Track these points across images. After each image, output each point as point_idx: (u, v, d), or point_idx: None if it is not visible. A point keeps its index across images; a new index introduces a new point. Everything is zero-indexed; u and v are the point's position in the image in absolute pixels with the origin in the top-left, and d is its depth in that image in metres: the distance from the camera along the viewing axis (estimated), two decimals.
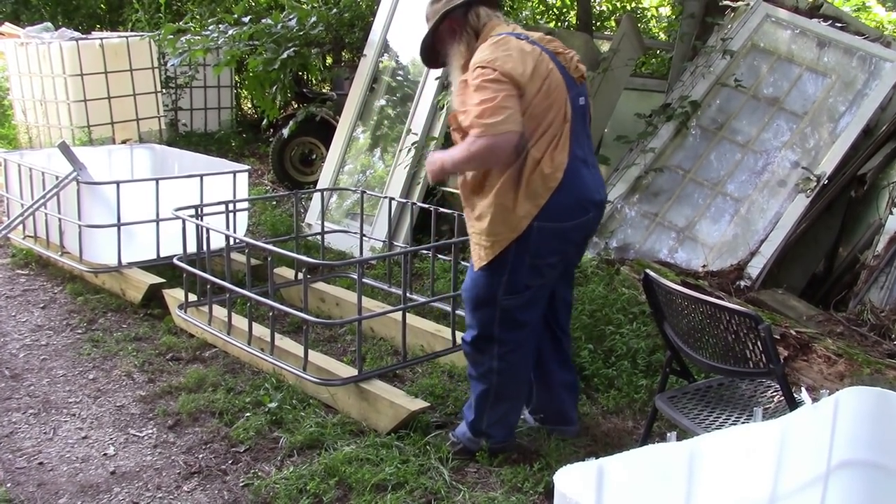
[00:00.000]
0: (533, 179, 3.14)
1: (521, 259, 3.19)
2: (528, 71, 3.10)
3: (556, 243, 3.25)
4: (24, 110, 9.12)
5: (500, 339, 3.32)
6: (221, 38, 6.73)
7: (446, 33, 3.37)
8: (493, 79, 3.05)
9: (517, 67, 3.08)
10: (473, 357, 3.42)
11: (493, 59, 3.10)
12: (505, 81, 3.05)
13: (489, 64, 3.08)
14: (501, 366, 3.35)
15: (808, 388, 3.83)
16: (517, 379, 3.43)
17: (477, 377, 3.43)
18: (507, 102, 3.04)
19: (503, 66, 3.07)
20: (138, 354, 4.50)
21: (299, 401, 3.93)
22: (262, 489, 3.25)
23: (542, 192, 3.15)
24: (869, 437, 2.03)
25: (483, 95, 3.04)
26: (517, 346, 3.35)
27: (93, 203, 5.31)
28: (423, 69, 6.31)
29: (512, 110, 3.04)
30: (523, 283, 3.24)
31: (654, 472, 1.71)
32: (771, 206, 5.38)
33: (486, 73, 3.07)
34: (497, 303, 3.26)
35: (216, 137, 9.96)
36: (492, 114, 3.01)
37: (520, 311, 3.29)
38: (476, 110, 3.05)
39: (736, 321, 2.77)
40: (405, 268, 4.23)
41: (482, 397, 3.42)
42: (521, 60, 3.10)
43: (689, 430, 2.87)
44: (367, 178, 6.61)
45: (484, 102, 3.03)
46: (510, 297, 3.25)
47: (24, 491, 3.26)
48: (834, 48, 5.68)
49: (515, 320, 3.30)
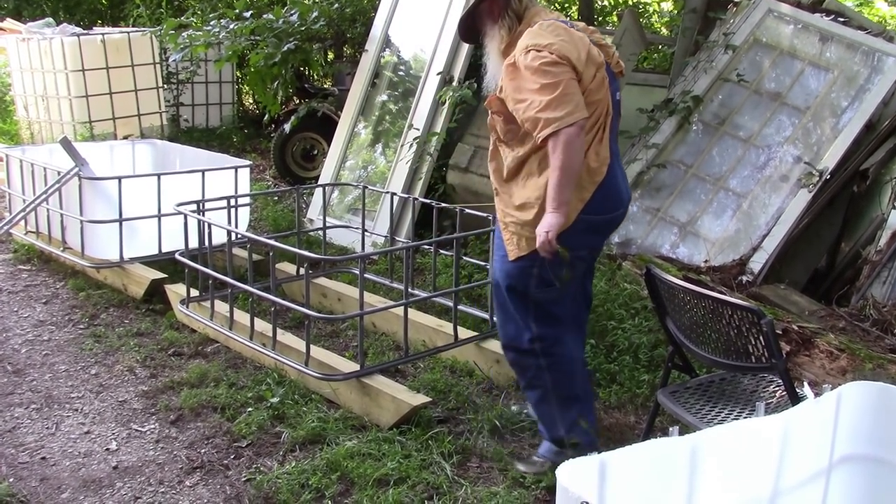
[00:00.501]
0: (581, 173, 3.04)
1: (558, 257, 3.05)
2: (584, 58, 3.01)
3: (589, 236, 3.19)
4: (26, 106, 9.12)
5: (539, 336, 3.23)
6: (223, 33, 6.73)
7: (486, 14, 3.26)
8: (552, 61, 2.93)
9: (573, 52, 2.98)
10: (518, 361, 3.33)
11: (549, 42, 2.98)
12: (564, 65, 2.94)
13: (545, 47, 2.96)
14: (548, 362, 3.25)
15: (811, 382, 3.82)
16: (570, 374, 3.30)
17: (527, 385, 3.35)
18: (571, 88, 2.93)
19: (560, 50, 2.96)
20: (140, 350, 4.50)
21: (301, 396, 3.93)
22: (265, 484, 3.25)
23: (587, 186, 3.08)
24: (871, 431, 2.03)
25: (543, 80, 2.92)
26: (556, 339, 3.26)
27: (95, 198, 5.31)
28: (424, 64, 6.30)
29: (577, 95, 2.93)
30: (556, 275, 3.15)
31: (657, 467, 1.71)
32: (773, 202, 5.38)
33: (544, 56, 2.95)
34: (530, 297, 3.19)
35: (218, 133, 9.95)
36: (557, 104, 2.89)
37: (553, 304, 3.22)
38: (538, 101, 2.92)
39: (738, 316, 2.77)
40: (407, 263, 4.23)
41: (542, 403, 3.33)
42: (576, 47, 3.01)
43: (692, 424, 2.87)
44: (369, 174, 6.61)
45: (545, 89, 2.91)
46: (543, 290, 3.17)
47: (27, 486, 3.27)
48: (836, 43, 5.67)
49: (550, 314, 3.23)
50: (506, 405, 3.91)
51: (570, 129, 2.89)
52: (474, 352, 4.32)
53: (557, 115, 2.89)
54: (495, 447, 3.55)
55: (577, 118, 2.90)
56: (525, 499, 3.17)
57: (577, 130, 2.90)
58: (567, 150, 2.90)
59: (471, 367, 4.30)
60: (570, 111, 2.89)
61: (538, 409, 3.37)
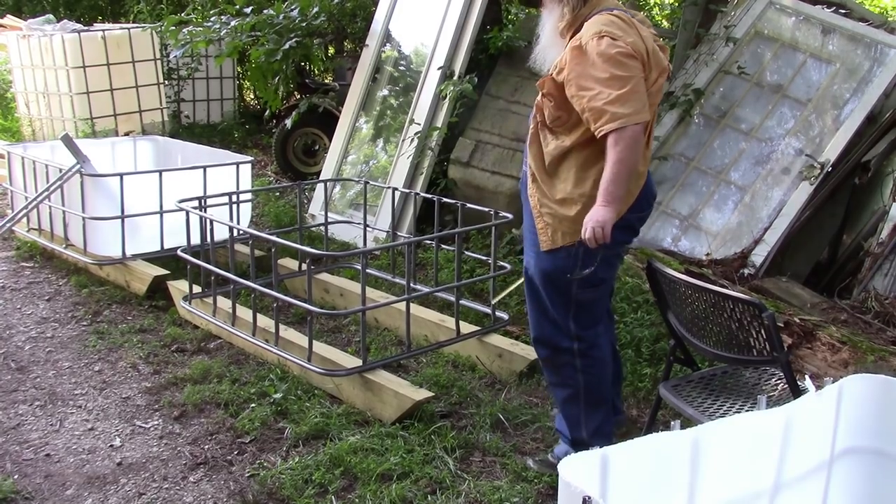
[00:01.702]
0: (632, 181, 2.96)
1: (593, 253, 2.97)
2: (652, 56, 2.92)
3: (627, 234, 3.13)
4: (27, 103, 9.12)
5: (579, 336, 3.16)
6: (223, 28, 6.72)
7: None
8: (627, 53, 2.81)
9: (644, 50, 2.88)
10: (553, 359, 3.25)
11: (622, 33, 2.84)
12: (637, 60, 2.84)
13: (620, 37, 2.83)
14: (584, 363, 3.18)
15: (812, 375, 3.83)
16: (602, 378, 3.24)
17: (558, 382, 3.26)
18: (641, 87, 2.82)
19: (635, 45, 2.84)
20: (143, 346, 4.51)
21: (304, 391, 3.94)
22: (268, 479, 3.26)
23: (633, 191, 3.01)
24: (873, 424, 2.04)
25: (617, 70, 2.79)
26: (595, 341, 3.19)
27: (96, 195, 5.31)
28: (425, 59, 6.30)
29: (645, 96, 2.84)
30: (599, 276, 3.06)
31: (659, 461, 1.72)
32: (775, 194, 5.37)
33: (619, 46, 2.81)
34: (572, 297, 3.09)
35: (219, 129, 9.95)
36: (627, 100, 2.77)
37: (595, 304, 3.16)
38: (607, 93, 2.79)
39: (740, 309, 2.77)
40: (409, 258, 4.23)
41: (570, 403, 3.24)
42: (645, 44, 2.90)
43: (694, 418, 2.87)
44: (371, 169, 6.61)
45: (616, 81, 2.78)
46: (587, 290, 3.09)
47: (32, 482, 3.28)
48: (838, 35, 5.66)
49: (591, 314, 3.16)
50: (508, 400, 3.91)
51: (636, 128, 2.79)
52: (477, 346, 4.32)
53: (626, 111, 2.77)
54: (498, 442, 3.56)
55: (643, 118, 2.81)
56: (528, 493, 3.17)
57: (641, 130, 2.82)
58: (631, 147, 2.79)
59: (473, 361, 4.30)
60: (637, 109, 2.79)
61: (565, 408, 3.28)
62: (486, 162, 5.94)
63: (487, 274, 4.56)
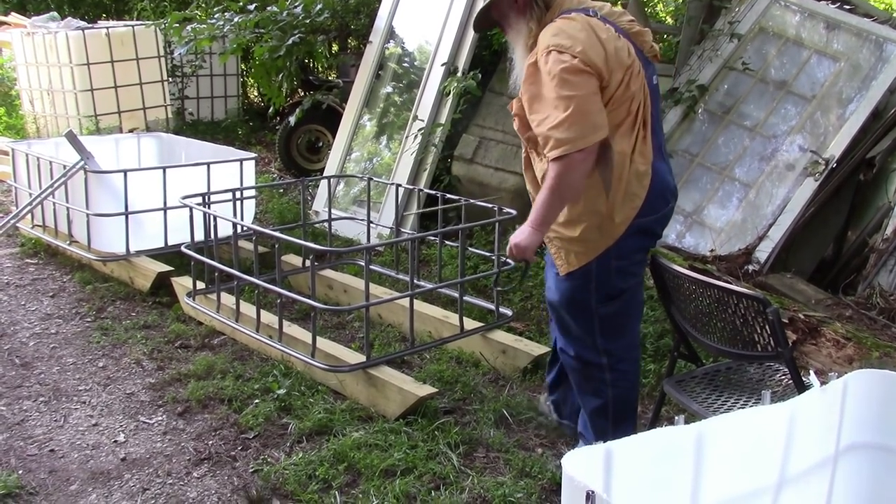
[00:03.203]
0: (629, 180, 2.84)
1: (606, 263, 2.91)
2: (612, 58, 2.75)
3: (640, 240, 2.97)
4: (32, 100, 9.13)
5: (607, 350, 3.06)
6: (227, 26, 6.72)
7: (509, 6, 2.96)
8: (574, 68, 2.68)
9: (600, 54, 2.73)
10: (582, 371, 3.15)
11: (571, 43, 2.71)
12: (588, 72, 2.69)
13: (567, 49, 2.70)
14: (614, 377, 3.09)
15: (817, 371, 3.82)
16: (632, 392, 3.17)
17: (589, 392, 3.16)
18: (588, 105, 2.68)
19: (585, 54, 2.70)
20: (147, 342, 4.52)
21: (308, 387, 3.94)
22: (272, 475, 3.26)
23: (639, 192, 2.87)
24: (877, 420, 2.03)
25: (562, 91, 2.67)
26: (624, 354, 3.10)
27: (100, 192, 5.32)
28: (429, 56, 6.29)
29: (595, 114, 2.69)
30: (617, 287, 2.97)
31: (662, 455, 1.71)
32: (779, 191, 5.36)
33: (564, 60, 2.69)
34: (593, 312, 3.00)
35: (223, 126, 9.96)
36: (571, 124, 2.65)
37: (618, 316, 3.04)
38: (553, 117, 2.68)
39: (744, 305, 2.76)
40: (412, 254, 4.23)
41: (599, 414, 3.16)
42: (604, 48, 2.75)
43: (698, 413, 2.87)
44: (374, 166, 6.61)
45: (561, 103, 2.67)
46: (606, 304, 2.99)
47: (36, 478, 3.29)
48: (842, 31, 5.64)
49: (616, 326, 3.05)
50: (511, 396, 3.91)
51: (576, 156, 2.67)
52: (480, 343, 4.32)
53: (569, 136, 2.65)
54: (502, 437, 3.56)
55: (589, 142, 2.67)
56: (531, 489, 3.17)
57: (583, 157, 2.69)
58: (566, 175, 2.71)
59: (477, 357, 4.30)
60: (581, 133, 2.66)
61: (592, 419, 3.20)
62: (490, 158, 5.94)
63: (491, 270, 4.56)
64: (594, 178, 2.82)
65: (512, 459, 3.39)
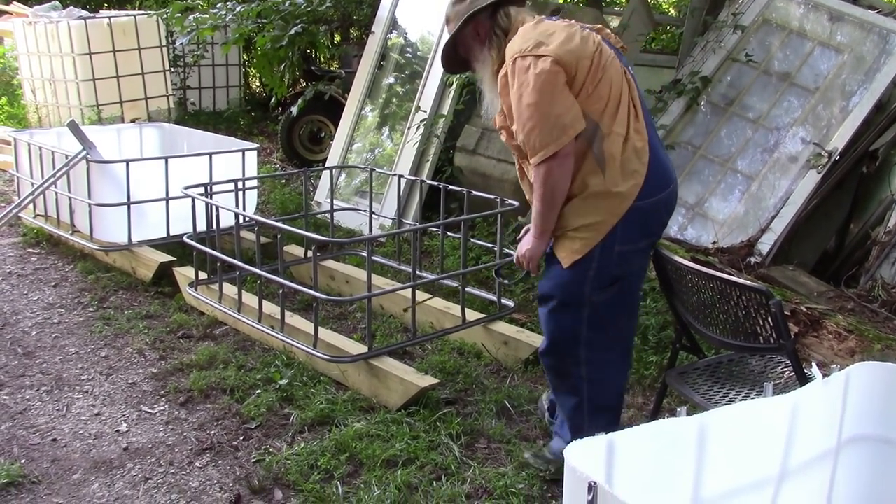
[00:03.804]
0: (628, 158, 2.82)
1: (609, 247, 2.88)
2: (575, 46, 2.77)
3: (642, 224, 2.92)
4: (34, 90, 9.13)
5: (588, 342, 3.00)
6: (229, 15, 6.71)
7: (471, 38, 3.04)
8: (538, 71, 2.71)
9: (563, 44, 2.76)
10: (556, 367, 3.11)
11: (534, 44, 2.76)
12: (553, 70, 2.72)
13: (530, 52, 2.75)
14: (590, 372, 3.03)
15: (819, 363, 3.82)
16: (610, 386, 3.11)
17: (565, 390, 3.12)
18: (556, 105, 2.72)
19: (547, 49, 2.74)
20: (150, 332, 4.52)
21: (310, 378, 3.95)
22: (274, 465, 3.27)
23: (639, 170, 2.84)
24: (879, 412, 2.03)
25: (531, 97, 2.72)
26: (606, 348, 3.04)
27: (102, 182, 5.32)
28: (431, 46, 6.28)
29: (563, 111, 2.72)
30: (611, 273, 2.92)
31: (664, 447, 1.71)
32: (782, 183, 5.36)
33: (526, 63, 2.74)
34: (585, 301, 2.94)
35: (225, 116, 9.96)
36: (542, 129, 2.71)
37: (609, 307, 2.97)
38: (528, 126, 2.75)
39: (746, 297, 2.76)
40: (414, 245, 4.23)
41: (575, 411, 3.10)
42: (565, 37, 2.79)
43: (700, 405, 2.87)
44: (376, 156, 6.60)
45: (530, 110, 2.73)
46: (599, 291, 2.93)
47: (39, 467, 3.30)
48: (846, 22, 5.63)
49: (604, 318, 2.99)
50: (513, 387, 3.92)
51: (551, 161, 2.75)
52: (482, 334, 4.32)
53: (541, 142, 2.73)
54: (503, 428, 3.56)
55: (561, 144, 2.72)
56: (533, 479, 3.18)
57: (559, 160, 2.75)
58: (549, 179, 2.78)
59: (479, 348, 4.31)
60: (552, 138, 2.72)
61: (565, 413, 3.18)
62: (492, 150, 5.93)
63: (493, 261, 4.56)
64: (589, 162, 2.83)
65: (513, 450, 3.39)
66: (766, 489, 1.86)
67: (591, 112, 2.80)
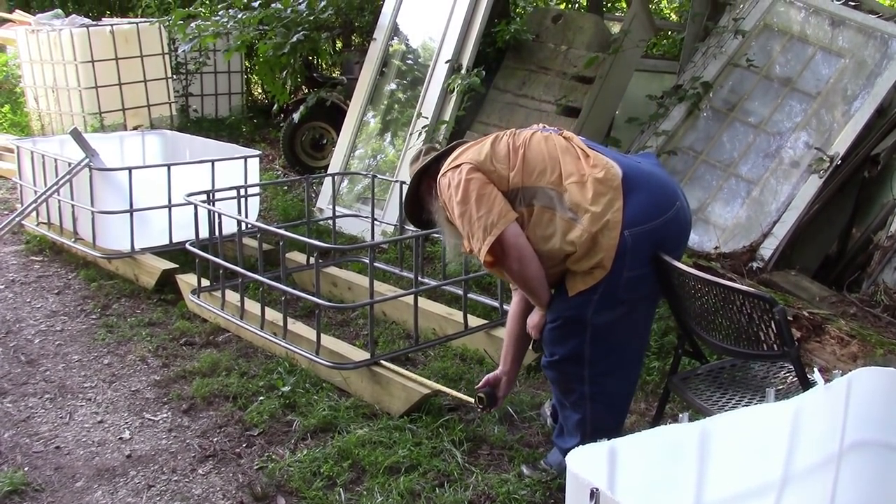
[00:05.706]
0: (592, 189, 2.85)
1: (618, 272, 2.87)
2: (486, 144, 3.03)
3: (653, 249, 2.90)
4: (36, 97, 9.14)
5: (591, 361, 3.00)
6: (231, 23, 6.73)
7: (426, 193, 3.22)
8: (457, 182, 2.95)
9: (469, 152, 3.02)
10: (560, 382, 3.12)
11: (448, 160, 3.05)
12: (468, 176, 2.94)
13: (449, 167, 3.03)
14: (594, 391, 3.02)
15: (821, 369, 3.82)
16: (614, 408, 3.11)
17: (570, 405, 3.12)
18: (482, 206, 2.90)
19: (457, 161, 3.00)
20: (152, 339, 4.52)
21: (312, 384, 3.95)
22: (277, 472, 3.27)
23: (605, 192, 2.84)
24: (881, 417, 2.03)
25: (459, 209, 2.94)
26: (611, 369, 3.03)
27: (105, 189, 5.33)
28: (433, 52, 6.29)
29: (487, 208, 2.90)
30: (617, 297, 2.91)
31: (667, 453, 1.72)
32: (783, 188, 5.36)
33: (446, 180, 3.01)
34: (587, 322, 2.95)
35: (227, 123, 9.97)
36: (475, 231, 2.91)
37: (613, 329, 2.97)
38: (465, 231, 2.97)
39: (750, 304, 2.76)
40: (417, 251, 4.23)
41: (578, 426, 3.10)
42: (479, 144, 3.06)
43: (702, 411, 2.87)
44: (378, 163, 6.61)
45: (459, 220, 2.96)
46: (601, 313, 2.93)
47: (42, 474, 3.30)
48: (847, 27, 5.63)
49: (608, 340, 2.98)
50: (515, 393, 3.91)
51: (497, 248, 2.90)
52: (484, 340, 4.32)
53: (482, 244, 2.90)
54: (505, 434, 3.56)
55: (496, 235, 2.87)
56: (535, 486, 3.18)
57: (504, 248, 2.90)
58: (512, 268, 2.95)
59: (481, 354, 4.31)
60: (485, 236, 2.89)
61: (568, 425, 3.16)
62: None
63: None
64: (562, 223, 2.89)
65: (516, 457, 3.39)
66: (768, 495, 1.86)
67: (537, 184, 2.93)
